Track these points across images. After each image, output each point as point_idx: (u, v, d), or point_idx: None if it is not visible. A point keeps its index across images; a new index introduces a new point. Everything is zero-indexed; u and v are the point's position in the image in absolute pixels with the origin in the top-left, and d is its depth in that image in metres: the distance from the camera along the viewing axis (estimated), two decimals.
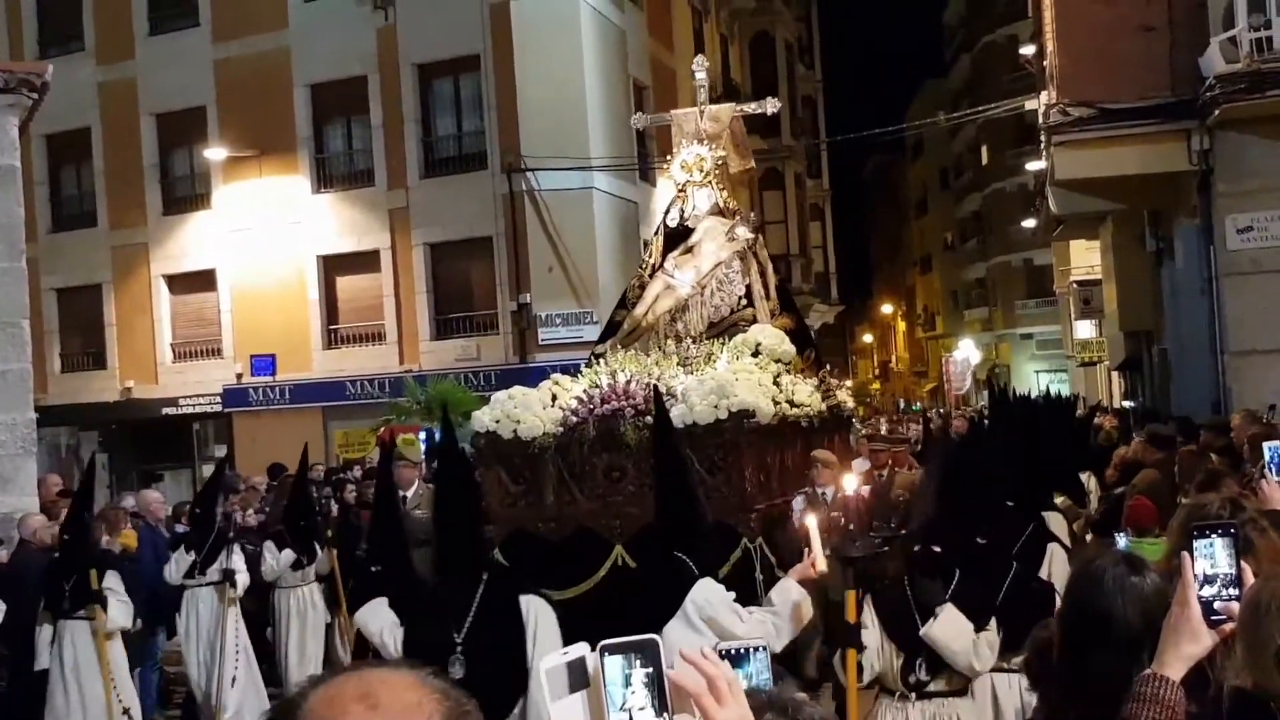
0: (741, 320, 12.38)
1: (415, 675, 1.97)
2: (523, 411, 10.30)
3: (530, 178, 28.26)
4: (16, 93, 13.69)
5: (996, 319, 67.16)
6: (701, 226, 12.75)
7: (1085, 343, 37.46)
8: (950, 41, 74.09)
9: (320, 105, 30.66)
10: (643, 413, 9.92)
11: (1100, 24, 18.28)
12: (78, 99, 30.19)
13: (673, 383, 10.37)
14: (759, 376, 10.72)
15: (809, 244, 45.73)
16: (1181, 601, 2.97)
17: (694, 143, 13.13)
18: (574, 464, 10.21)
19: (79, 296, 32.64)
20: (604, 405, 10.12)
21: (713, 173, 13.08)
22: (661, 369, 10.90)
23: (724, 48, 40.71)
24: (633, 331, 12.48)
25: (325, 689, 1.93)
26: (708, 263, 12.55)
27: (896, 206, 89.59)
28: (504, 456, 10.45)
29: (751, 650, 3.16)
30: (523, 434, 10.22)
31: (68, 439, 32.92)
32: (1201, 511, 4.48)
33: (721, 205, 13.09)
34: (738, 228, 12.72)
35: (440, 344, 29.45)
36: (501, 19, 28.47)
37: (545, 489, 10.30)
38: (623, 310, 12.93)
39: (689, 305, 12.45)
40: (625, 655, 2.61)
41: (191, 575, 12.36)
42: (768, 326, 12.14)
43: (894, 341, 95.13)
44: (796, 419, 11.18)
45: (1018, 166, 52.40)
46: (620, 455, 10.10)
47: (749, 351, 11.45)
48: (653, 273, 12.83)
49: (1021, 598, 6.67)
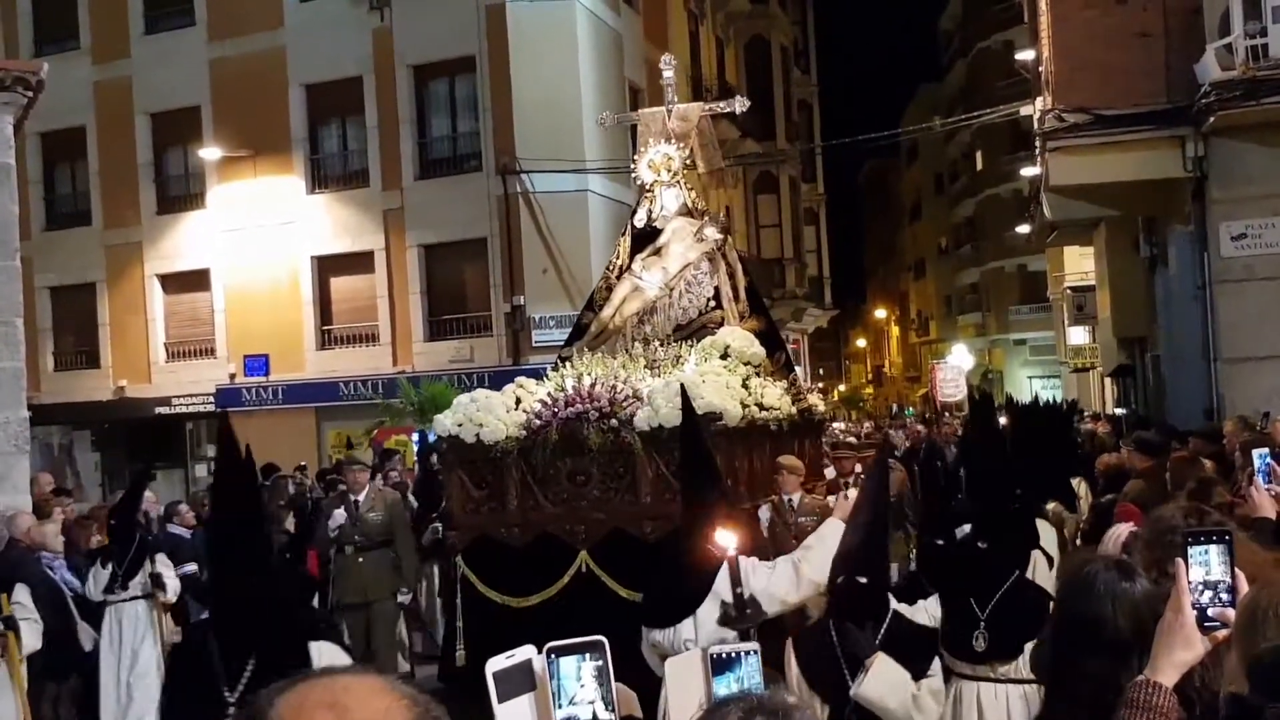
0: (710, 322, 12.24)
1: (382, 680, 1.97)
2: (485, 415, 10.15)
3: (525, 180, 28.26)
4: (11, 91, 13.66)
5: (990, 324, 67.27)
6: (669, 227, 12.62)
7: (1079, 349, 37.51)
8: (946, 47, 74.22)
9: (315, 106, 30.66)
10: (607, 415, 9.81)
11: (1096, 30, 18.33)
12: (73, 97, 30.13)
13: (639, 385, 10.21)
14: (727, 379, 10.58)
15: (803, 248, 45.72)
16: (1175, 608, 2.98)
17: (661, 142, 12.96)
18: (537, 468, 10.05)
19: (73, 295, 32.60)
20: (568, 409, 9.96)
21: (680, 172, 12.89)
22: (628, 372, 10.74)
23: (719, 51, 40.72)
24: (600, 334, 12.35)
25: (291, 696, 1.92)
26: (676, 264, 12.43)
27: (891, 211, 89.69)
28: (467, 461, 10.31)
29: (742, 654, 3.17)
30: (485, 437, 10.06)
31: (61, 438, 32.89)
32: (1165, 523, 4.50)
33: (690, 205, 12.93)
34: (706, 228, 12.58)
35: (434, 345, 29.44)
36: (497, 21, 28.47)
37: (508, 494, 10.13)
38: (589, 313, 12.79)
39: (657, 307, 12.33)
40: (578, 655, 2.66)
41: (112, 590, 11.91)
42: (737, 328, 12.01)
43: (887, 346, 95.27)
44: (765, 423, 11.03)
45: (1012, 172, 52.51)
46: (584, 459, 9.95)
47: (717, 354, 11.30)
48: (620, 274, 12.68)
49: (1016, 604, 6.49)
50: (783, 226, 43.57)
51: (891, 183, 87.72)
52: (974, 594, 6.58)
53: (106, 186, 32.37)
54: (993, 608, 6.51)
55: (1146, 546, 4.60)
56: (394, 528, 13.51)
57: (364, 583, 13.29)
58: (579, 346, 12.22)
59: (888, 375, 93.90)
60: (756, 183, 43.12)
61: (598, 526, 9.81)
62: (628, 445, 9.75)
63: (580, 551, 9.76)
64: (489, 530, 10.19)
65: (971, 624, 6.54)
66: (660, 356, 11.39)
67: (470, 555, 10.19)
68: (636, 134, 13.85)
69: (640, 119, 13.86)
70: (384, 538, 13.41)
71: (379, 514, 13.49)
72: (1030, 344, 61.90)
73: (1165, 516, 4.72)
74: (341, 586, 13.42)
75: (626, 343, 12.03)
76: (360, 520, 13.38)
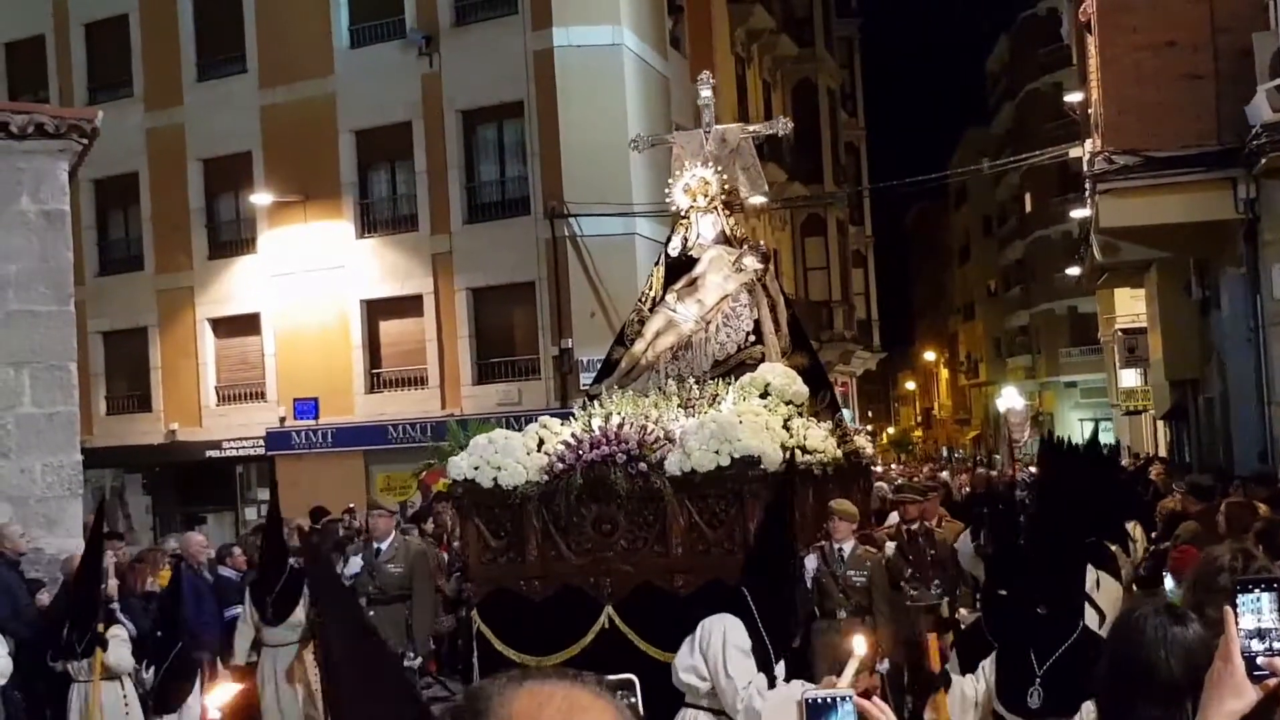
0: (749, 359, 11.52)
1: (615, 708, 1.92)
2: (503, 457, 9.46)
3: (573, 223, 28.36)
4: (67, 138, 13.84)
5: (1040, 367, 66.80)
6: (706, 256, 11.91)
7: (1130, 391, 37.20)
8: (993, 89, 74.12)
9: (365, 151, 30.89)
10: (635, 458, 9.11)
11: (1145, 72, 18.25)
12: (126, 144, 30.49)
13: (672, 426, 9.56)
14: (766, 419, 9.90)
15: (851, 290, 45.66)
16: (1224, 656, 2.93)
17: (698, 165, 12.22)
18: (560, 515, 9.35)
19: (125, 340, 32.90)
20: (593, 451, 9.23)
21: (718, 198, 12.14)
22: (660, 411, 10.05)
23: (767, 95, 40.80)
24: (631, 370, 11.64)
25: (527, 696, 1.88)
26: (713, 296, 11.73)
27: (939, 253, 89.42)
28: (483, 507, 9.62)
29: (838, 700, 3.17)
30: (503, 482, 9.39)
31: (112, 481, 33.10)
32: (1215, 564, 4.46)
33: (728, 233, 12.18)
34: (745, 257, 11.90)
35: (482, 388, 29.49)
36: (545, 66, 28.64)
37: (528, 543, 9.44)
38: (620, 348, 12.05)
39: (692, 342, 11.62)
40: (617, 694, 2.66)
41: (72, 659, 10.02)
42: (778, 365, 11.27)
43: (936, 389, 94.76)
44: (809, 466, 10.30)
45: (1062, 214, 52.23)
46: (610, 506, 9.25)
47: (757, 392, 10.59)
48: (653, 306, 11.97)
49: (1075, 662, 6.22)
50: (830, 269, 43.56)
51: (939, 225, 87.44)
52: (1033, 649, 6.33)
53: (159, 232, 32.68)
54: (1050, 665, 6.30)
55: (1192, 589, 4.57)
56: (413, 581, 12.49)
57: None
58: (608, 384, 11.53)
59: (937, 418, 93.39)
60: (804, 225, 43.15)
61: (625, 579, 9.16)
62: (657, 491, 9.10)
63: (605, 606, 9.13)
64: (507, 582, 9.54)
65: (1028, 679, 6.32)
66: (696, 395, 10.69)
67: (487, 610, 9.54)
68: (672, 157, 12.97)
69: (676, 141, 13.14)
70: (402, 591, 12.43)
71: (399, 565, 12.50)
72: (1081, 386, 61.40)
73: (1214, 557, 4.68)
74: None
75: (660, 380, 11.33)
76: (378, 571, 12.44)
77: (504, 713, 1.86)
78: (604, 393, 11.14)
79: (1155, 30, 18.25)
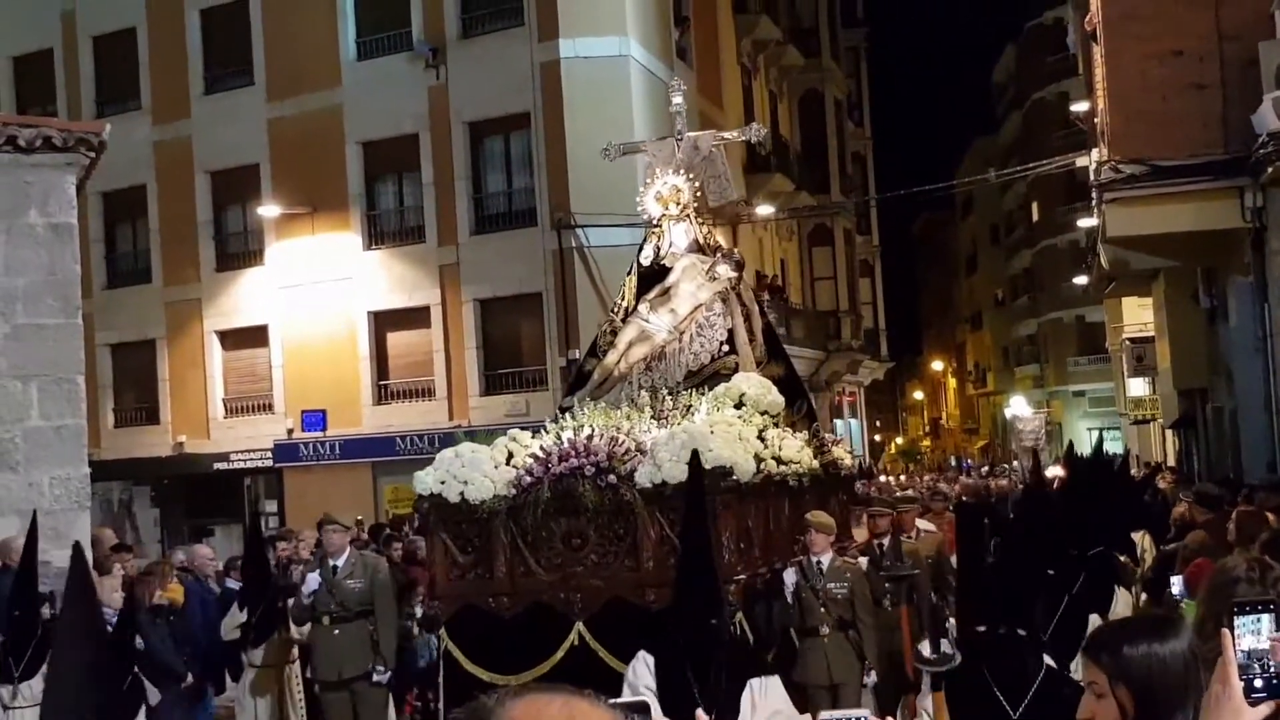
0: (724, 369, 11.31)
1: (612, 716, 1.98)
2: (470, 471, 9.20)
3: (580, 234, 28.35)
4: (75, 151, 13.85)
5: (1048, 376, 66.75)
6: (679, 265, 11.71)
7: (1139, 400, 37.16)
8: (1000, 98, 74.13)
9: (372, 163, 30.91)
10: (605, 471, 8.89)
11: (1152, 81, 18.27)
12: (134, 157, 30.53)
13: (642, 438, 9.33)
14: (740, 430, 9.71)
15: (859, 300, 45.62)
16: (1222, 679, 2.93)
17: (670, 173, 12.07)
18: (528, 530, 9.09)
19: (133, 352, 32.92)
20: (561, 464, 9.01)
21: (691, 205, 11.95)
22: (632, 423, 9.82)
23: (773, 105, 40.79)
24: (603, 382, 11.45)
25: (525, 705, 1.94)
26: (686, 305, 11.52)
27: (946, 263, 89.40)
28: (450, 522, 9.34)
29: None
30: (470, 496, 9.12)
31: (120, 493, 33.13)
32: (1230, 574, 4.45)
33: (701, 241, 12.00)
34: (719, 266, 11.70)
35: (490, 399, 29.48)
36: (552, 77, 28.66)
37: (496, 559, 9.16)
38: (592, 359, 11.86)
39: (665, 352, 11.42)
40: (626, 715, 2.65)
41: None
42: (753, 375, 11.09)
43: (944, 398, 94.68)
44: (784, 478, 10.16)
45: (1069, 223, 52.23)
46: (580, 520, 8.99)
47: (731, 403, 10.40)
48: (625, 317, 11.78)
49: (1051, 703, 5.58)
50: (838, 279, 43.52)
51: (947, 234, 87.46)
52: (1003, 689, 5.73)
53: (167, 244, 32.72)
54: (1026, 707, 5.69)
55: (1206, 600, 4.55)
56: (375, 596, 12.02)
57: (339, 659, 11.83)
58: (580, 397, 11.35)
59: (945, 427, 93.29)
60: (811, 235, 43.14)
61: (595, 595, 8.91)
62: (628, 504, 8.89)
63: (575, 623, 8.89)
64: (475, 599, 9.27)
65: None
66: (669, 406, 10.46)
67: (454, 628, 9.27)
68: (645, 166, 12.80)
69: (647, 149, 13.04)
70: (364, 608, 11.96)
71: (359, 581, 12.04)
72: (1089, 395, 61.35)
73: (1228, 568, 4.67)
74: (316, 662, 12.06)
75: (632, 391, 11.10)
76: (336, 587, 11.93)
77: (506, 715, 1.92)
78: (576, 405, 10.96)
79: (1162, 39, 18.27)
